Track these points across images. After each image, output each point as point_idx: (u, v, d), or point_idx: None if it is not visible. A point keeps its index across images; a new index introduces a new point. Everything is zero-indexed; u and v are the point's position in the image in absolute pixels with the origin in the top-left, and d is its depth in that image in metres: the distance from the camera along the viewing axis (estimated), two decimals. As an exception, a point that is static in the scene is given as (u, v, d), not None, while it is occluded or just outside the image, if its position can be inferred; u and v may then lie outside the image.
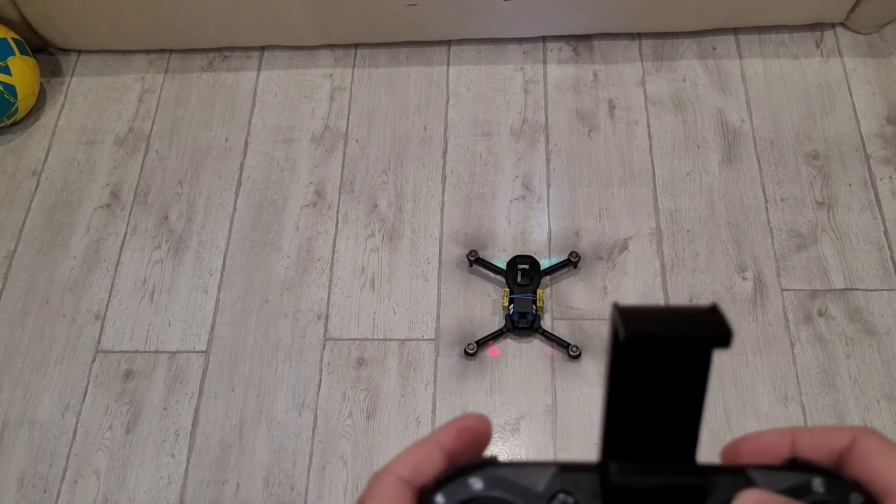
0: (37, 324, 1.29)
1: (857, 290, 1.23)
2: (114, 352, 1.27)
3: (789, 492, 0.24)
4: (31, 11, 1.43)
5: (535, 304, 1.21)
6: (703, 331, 0.22)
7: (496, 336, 1.22)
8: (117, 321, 1.29)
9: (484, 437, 0.27)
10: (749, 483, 0.24)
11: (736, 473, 0.25)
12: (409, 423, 1.18)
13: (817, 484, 0.24)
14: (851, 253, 1.26)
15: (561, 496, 0.24)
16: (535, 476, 0.25)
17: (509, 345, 1.23)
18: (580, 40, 1.49)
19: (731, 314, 1.22)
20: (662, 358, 0.23)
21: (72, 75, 1.54)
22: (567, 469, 0.25)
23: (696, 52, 1.47)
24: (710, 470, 0.25)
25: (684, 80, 1.44)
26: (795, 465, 0.25)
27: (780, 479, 0.25)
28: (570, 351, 1.19)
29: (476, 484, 0.24)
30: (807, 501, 0.24)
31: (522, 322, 1.20)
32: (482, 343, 1.21)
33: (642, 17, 1.42)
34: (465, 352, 1.21)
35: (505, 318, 1.22)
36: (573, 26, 1.46)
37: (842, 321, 1.21)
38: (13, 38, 1.39)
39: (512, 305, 1.21)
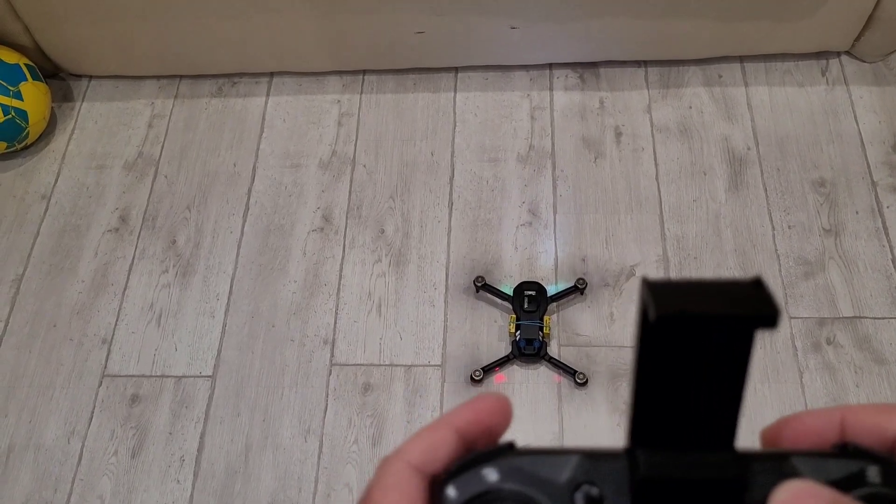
0: (44, 348, 1.30)
1: (866, 318, 1.23)
2: (120, 376, 1.27)
3: (840, 482, 0.21)
4: (43, 38, 1.45)
5: (542, 331, 1.21)
6: (746, 310, 0.20)
7: (503, 362, 1.21)
8: (124, 345, 1.29)
9: (503, 420, 0.25)
10: (794, 473, 0.22)
11: (779, 461, 0.22)
12: (414, 449, 1.18)
13: (872, 473, 0.21)
14: (859, 281, 1.26)
15: (585, 488, 0.22)
16: (556, 465, 0.22)
17: (516, 372, 1.22)
18: (586, 67, 1.51)
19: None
20: (698, 339, 0.21)
21: (82, 100, 1.56)
22: (591, 457, 0.23)
23: (701, 79, 1.47)
24: (750, 458, 0.22)
25: (690, 108, 1.45)
26: (846, 451, 0.22)
27: (829, 468, 0.22)
28: (576, 378, 1.19)
29: (491, 475, 0.22)
30: (860, 494, 0.21)
31: (529, 349, 1.20)
32: (489, 369, 1.21)
33: (648, 44, 1.43)
34: (472, 378, 1.20)
35: (511, 345, 1.22)
36: (579, 54, 1.47)
37: (850, 350, 1.21)
38: (26, 64, 1.41)
39: (518, 332, 1.21)
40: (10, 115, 1.36)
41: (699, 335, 0.20)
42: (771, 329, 0.20)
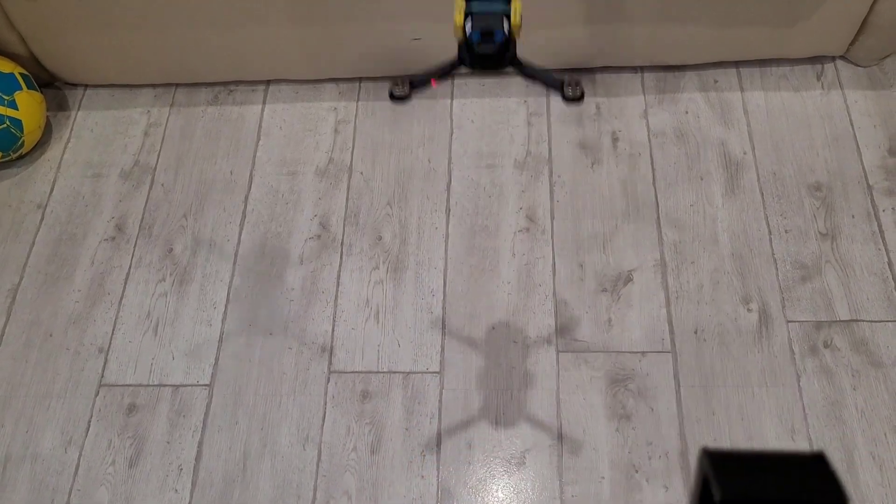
0: (40, 357, 1.29)
1: (863, 321, 1.23)
2: (117, 385, 1.26)
3: None
4: (38, 47, 1.45)
5: (509, 20, 0.74)
6: (812, 497, 0.20)
7: (445, 72, 0.82)
8: (121, 354, 1.29)
9: None
10: None
11: None
12: (413, 457, 1.17)
13: None
14: (856, 284, 1.26)
15: None
16: None
17: (515, 372, 1.22)
18: (583, 73, 1.51)
19: (737, 347, 1.22)
20: None
21: (78, 109, 1.56)
22: None
23: (697, 84, 1.48)
24: None
25: (686, 113, 1.45)
26: None
27: None
28: (565, 91, 0.84)
29: None
30: None
31: (486, 46, 0.74)
32: (419, 82, 0.84)
33: (644, 50, 1.44)
34: (392, 95, 0.85)
35: (459, 47, 0.79)
36: (576, 60, 1.47)
37: (847, 353, 1.21)
38: (20, 73, 1.41)
39: (469, 21, 0.74)
40: (4, 125, 1.36)
41: None
42: None
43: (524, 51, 1.45)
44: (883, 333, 1.22)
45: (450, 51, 1.47)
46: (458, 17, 0.74)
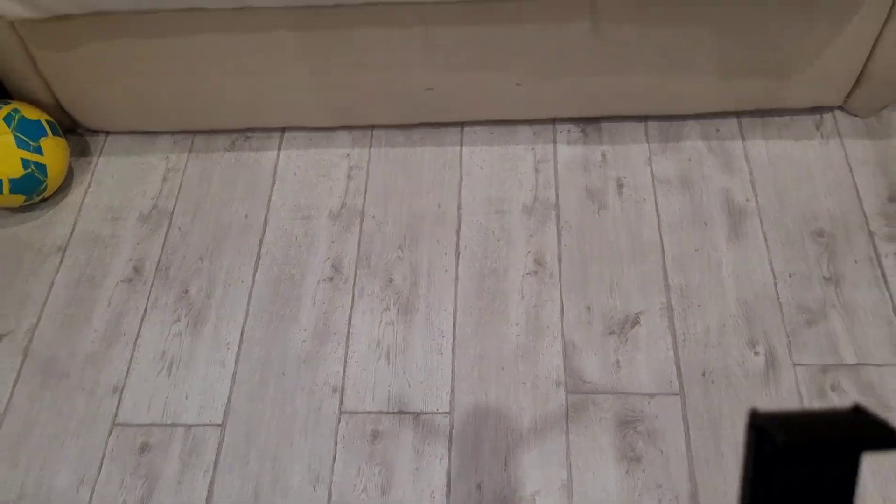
0: (56, 397, 1.31)
1: (869, 365, 1.24)
2: (131, 425, 1.28)
3: None
4: (63, 96, 1.50)
5: None
6: (861, 434, 0.22)
7: None
8: (135, 394, 1.30)
9: None
10: None
11: None
12: (423, 498, 1.18)
13: None
14: (861, 328, 1.28)
15: None
16: None
17: (524, 413, 1.23)
18: (589, 122, 1.55)
19: (745, 389, 1.23)
20: (814, 464, 0.22)
21: (99, 155, 1.61)
22: None
23: (700, 133, 1.52)
24: None
25: (690, 160, 1.49)
26: None
27: None
28: None
29: None
30: None
31: None
32: None
33: (648, 100, 1.48)
34: None
35: None
36: (582, 109, 1.52)
37: (855, 396, 1.22)
38: (47, 121, 1.46)
39: None
40: (30, 169, 1.40)
41: (816, 459, 0.22)
42: (892, 450, 0.21)
43: (533, 101, 1.50)
44: (890, 377, 1.23)
45: (458, 102, 1.51)
46: None
